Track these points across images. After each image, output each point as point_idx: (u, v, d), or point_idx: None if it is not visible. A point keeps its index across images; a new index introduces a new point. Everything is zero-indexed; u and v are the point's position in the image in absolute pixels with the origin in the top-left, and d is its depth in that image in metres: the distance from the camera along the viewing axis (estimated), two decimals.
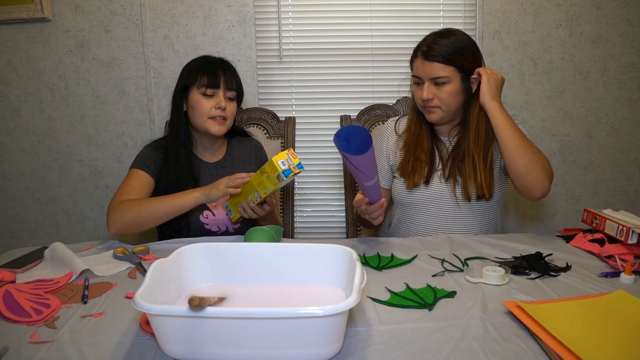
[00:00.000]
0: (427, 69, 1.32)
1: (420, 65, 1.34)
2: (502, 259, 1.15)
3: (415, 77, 1.37)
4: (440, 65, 1.30)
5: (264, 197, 1.25)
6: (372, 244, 1.29)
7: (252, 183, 1.26)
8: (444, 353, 0.75)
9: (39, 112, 2.06)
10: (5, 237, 2.16)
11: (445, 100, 1.33)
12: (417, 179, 1.39)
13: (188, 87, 1.41)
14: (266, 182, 1.21)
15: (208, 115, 1.40)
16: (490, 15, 2.00)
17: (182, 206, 1.29)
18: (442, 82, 1.32)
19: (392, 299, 0.95)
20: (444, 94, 1.33)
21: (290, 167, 1.17)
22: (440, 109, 1.35)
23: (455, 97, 1.34)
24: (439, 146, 1.43)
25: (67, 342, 0.80)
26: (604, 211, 1.25)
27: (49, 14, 1.96)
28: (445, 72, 1.31)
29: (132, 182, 1.38)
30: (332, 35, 2.03)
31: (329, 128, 2.06)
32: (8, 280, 1.05)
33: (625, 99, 2.09)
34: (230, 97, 1.43)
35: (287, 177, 1.16)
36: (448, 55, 1.30)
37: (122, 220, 1.29)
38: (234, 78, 1.43)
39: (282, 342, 0.72)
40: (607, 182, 2.15)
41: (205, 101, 1.39)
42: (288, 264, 0.95)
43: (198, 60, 1.45)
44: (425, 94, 1.33)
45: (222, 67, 1.42)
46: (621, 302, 0.89)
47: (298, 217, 2.13)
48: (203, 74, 1.39)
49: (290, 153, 1.19)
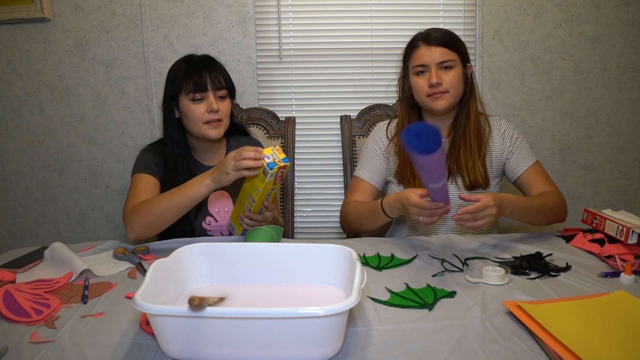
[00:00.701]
0: (433, 53, 1.34)
1: (425, 52, 1.35)
2: (502, 259, 1.15)
3: (419, 67, 1.37)
4: (445, 50, 1.34)
5: (258, 201, 1.24)
6: (372, 244, 1.29)
7: (245, 188, 1.26)
8: (444, 353, 0.75)
9: (39, 112, 2.06)
10: (5, 237, 2.16)
11: (453, 84, 1.35)
12: (418, 184, 1.36)
13: (176, 95, 1.36)
14: (256, 182, 1.21)
15: (202, 121, 1.35)
16: (490, 15, 2.00)
17: (195, 197, 1.24)
18: (448, 65, 1.35)
19: (392, 299, 0.95)
20: (451, 77, 1.34)
21: (275, 161, 1.16)
22: (449, 93, 1.35)
23: (460, 82, 1.37)
24: None
25: (67, 342, 0.80)
26: (604, 211, 1.25)
27: (49, 14, 1.96)
28: (450, 55, 1.34)
29: (139, 186, 1.35)
30: (332, 35, 2.03)
31: (329, 128, 2.06)
32: (8, 280, 1.05)
33: (625, 99, 2.09)
34: (222, 96, 1.38)
35: (271, 169, 1.14)
36: (450, 40, 1.35)
37: (139, 225, 1.26)
38: (221, 75, 1.37)
39: (282, 342, 0.72)
40: (607, 182, 2.15)
41: (196, 107, 1.34)
42: (288, 264, 0.95)
43: (181, 64, 1.39)
44: (435, 78, 1.33)
45: (207, 67, 1.36)
46: (621, 302, 0.89)
47: (298, 217, 2.13)
48: (188, 78, 1.34)
49: (275, 148, 1.19)
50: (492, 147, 1.43)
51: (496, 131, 1.45)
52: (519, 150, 1.43)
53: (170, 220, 1.27)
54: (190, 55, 1.43)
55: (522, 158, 1.42)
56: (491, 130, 1.44)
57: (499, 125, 1.46)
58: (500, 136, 1.44)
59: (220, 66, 1.41)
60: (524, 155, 1.43)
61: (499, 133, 1.45)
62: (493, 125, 1.45)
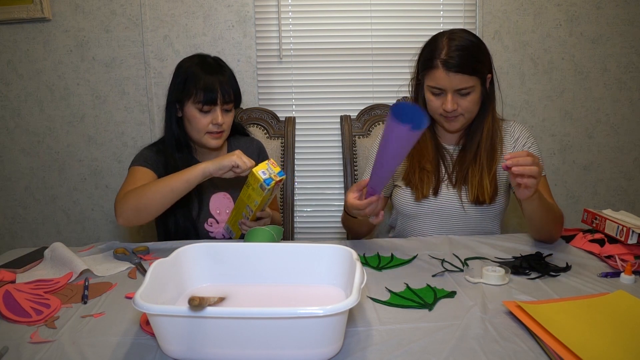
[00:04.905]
0: (452, 80, 1.25)
1: (443, 77, 1.25)
2: (502, 259, 1.15)
3: (435, 88, 1.30)
4: (465, 77, 1.24)
5: (255, 210, 1.26)
6: (372, 244, 1.29)
7: (242, 199, 1.28)
8: (444, 353, 0.75)
9: (39, 112, 2.06)
10: (5, 237, 2.16)
11: (469, 108, 1.30)
12: (426, 190, 1.35)
13: (183, 99, 1.35)
14: (253, 194, 1.23)
15: (205, 131, 1.35)
16: (490, 15, 2.00)
17: (190, 179, 1.20)
18: (466, 92, 1.27)
19: (392, 299, 0.95)
20: (467, 102, 1.28)
21: (271, 176, 1.19)
22: (463, 117, 1.31)
23: (477, 104, 1.31)
24: (443, 154, 1.40)
25: (67, 342, 0.80)
26: (604, 211, 1.25)
27: (48, 14, 1.96)
28: (470, 82, 1.26)
29: (136, 176, 1.32)
30: (332, 35, 2.03)
31: (329, 128, 2.06)
32: (8, 280, 1.05)
33: (625, 99, 2.09)
34: (228, 109, 1.37)
35: (268, 185, 1.18)
36: (472, 65, 1.25)
37: (128, 207, 1.21)
38: (231, 89, 1.35)
39: (282, 342, 0.72)
40: (607, 182, 2.15)
41: (201, 117, 1.33)
42: (288, 264, 0.95)
43: (193, 66, 1.36)
44: (450, 106, 1.27)
45: (220, 79, 1.34)
46: (621, 302, 0.89)
47: (298, 217, 2.13)
48: (199, 88, 1.31)
49: (270, 162, 1.21)
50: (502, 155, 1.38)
51: (509, 137, 1.40)
52: None
53: (161, 204, 1.22)
54: (202, 57, 1.39)
55: None
56: (503, 137, 1.39)
57: (513, 132, 1.40)
58: (512, 143, 1.39)
59: (232, 78, 1.38)
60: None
61: (512, 140, 1.40)
62: (507, 132, 1.40)
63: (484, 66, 1.29)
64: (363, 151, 1.78)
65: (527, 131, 1.42)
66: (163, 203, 1.22)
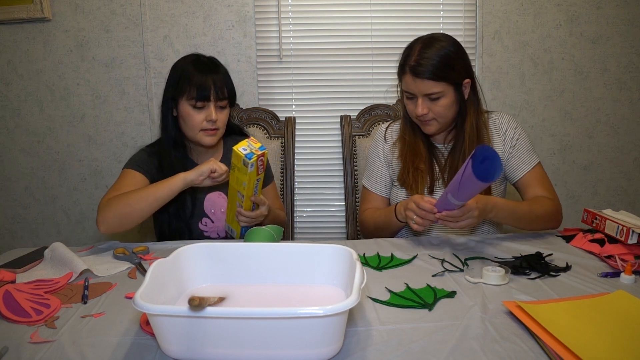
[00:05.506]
0: (418, 85, 1.28)
1: (410, 82, 1.29)
2: (502, 259, 1.15)
3: (408, 93, 1.33)
4: (432, 82, 1.26)
5: (246, 195, 1.26)
6: (372, 244, 1.29)
7: (232, 186, 1.28)
8: (444, 353, 0.75)
9: (39, 112, 2.06)
10: (5, 237, 2.16)
11: (441, 113, 1.31)
12: (421, 189, 1.36)
13: (177, 97, 1.36)
14: (239, 175, 1.24)
15: (199, 128, 1.36)
16: (490, 15, 2.00)
17: (172, 187, 1.25)
18: (436, 97, 1.29)
19: (392, 299, 0.95)
20: (439, 107, 1.30)
21: (252, 151, 1.21)
22: (437, 121, 1.33)
23: (450, 109, 1.32)
24: (436, 153, 1.41)
25: (67, 342, 0.80)
26: (604, 211, 1.25)
27: (48, 14, 1.96)
28: (438, 87, 1.27)
29: (124, 181, 1.33)
30: (332, 35, 2.03)
31: (329, 128, 2.06)
32: (8, 280, 1.05)
33: (625, 99, 2.09)
34: (222, 106, 1.37)
35: (250, 159, 1.18)
36: (438, 72, 1.26)
37: (110, 215, 1.23)
38: (225, 86, 1.36)
39: (282, 342, 0.72)
40: (607, 182, 2.15)
41: (195, 114, 1.34)
42: (288, 264, 0.95)
43: (187, 65, 1.37)
44: (420, 110, 1.30)
45: (213, 77, 1.34)
46: (621, 302, 0.89)
47: (298, 217, 2.13)
48: (192, 85, 1.33)
49: (250, 140, 1.23)
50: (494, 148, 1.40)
51: (497, 130, 1.41)
52: (519, 152, 1.38)
53: (143, 211, 1.25)
54: (197, 56, 1.41)
55: (521, 161, 1.38)
56: (492, 130, 1.40)
57: (500, 124, 1.41)
58: (502, 136, 1.40)
59: (226, 75, 1.39)
60: (524, 158, 1.38)
61: (500, 132, 1.40)
62: (494, 124, 1.41)
63: (456, 72, 1.29)
64: (363, 151, 1.78)
65: (515, 122, 1.43)
66: (145, 210, 1.26)
